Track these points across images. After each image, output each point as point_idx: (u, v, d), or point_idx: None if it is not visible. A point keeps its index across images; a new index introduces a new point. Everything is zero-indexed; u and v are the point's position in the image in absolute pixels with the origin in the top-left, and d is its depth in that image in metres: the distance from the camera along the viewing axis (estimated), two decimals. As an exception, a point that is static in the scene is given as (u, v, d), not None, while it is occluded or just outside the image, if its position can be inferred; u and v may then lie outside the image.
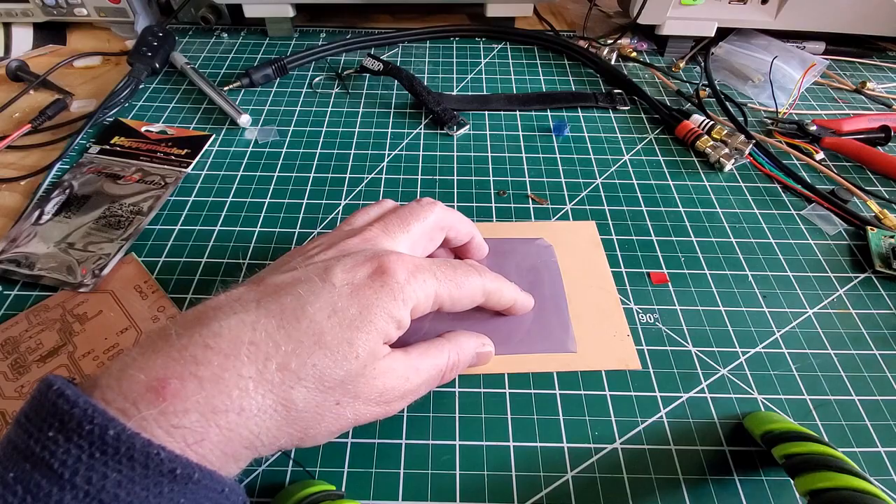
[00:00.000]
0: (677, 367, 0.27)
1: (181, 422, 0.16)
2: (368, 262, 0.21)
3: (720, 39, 0.50)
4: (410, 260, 0.22)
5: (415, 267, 0.22)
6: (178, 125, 0.42)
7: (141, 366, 0.17)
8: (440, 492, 0.23)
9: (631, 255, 0.32)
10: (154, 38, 0.47)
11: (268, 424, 0.18)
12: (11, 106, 0.44)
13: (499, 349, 0.27)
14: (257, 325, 0.18)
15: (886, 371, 0.27)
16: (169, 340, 0.18)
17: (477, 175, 0.38)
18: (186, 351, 0.17)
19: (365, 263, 0.21)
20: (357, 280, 0.20)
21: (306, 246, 0.24)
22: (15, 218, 0.34)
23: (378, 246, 0.23)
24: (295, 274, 0.21)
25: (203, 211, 0.35)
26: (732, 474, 0.24)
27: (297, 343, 0.18)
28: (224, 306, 0.19)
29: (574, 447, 0.24)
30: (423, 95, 0.43)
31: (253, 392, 0.17)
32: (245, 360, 0.17)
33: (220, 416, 0.17)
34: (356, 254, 0.22)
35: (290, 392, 0.18)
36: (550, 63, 0.50)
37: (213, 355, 0.17)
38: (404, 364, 0.21)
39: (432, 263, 0.23)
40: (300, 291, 0.20)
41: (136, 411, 0.16)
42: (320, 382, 0.19)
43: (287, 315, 0.19)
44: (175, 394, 0.16)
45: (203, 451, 0.16)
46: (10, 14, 0.49)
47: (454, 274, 0.23)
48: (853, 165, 0.39)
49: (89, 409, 0.15)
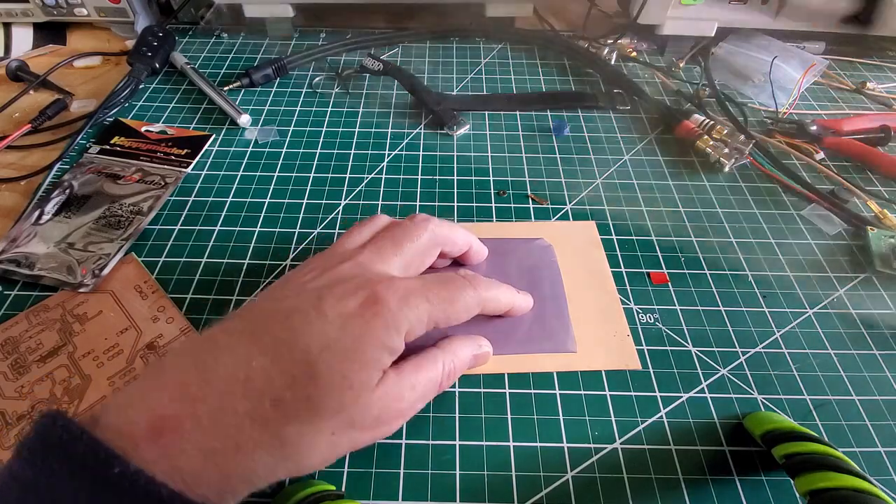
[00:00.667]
0: (677, 367, 0.27)
1: (179, 461, 0.16)
2: (360, 290, 0.21)
3: (720, 39, 0.49)
4: (402, 284, 0.22)
5: (406, 292, 0.21)
6: (178, 125, 0.42)
7: (140, 404, 0.17)
8: (440, 492, 0.23)
9: (631, 255, 0.32)
10: (154, 38, 0.47)
11: (265, 460, 0.18)
12: (11, 106, 0.44)
13: (499, 349, 0.27)
14: (252, 360, 0.19)
15: (886, 371, 0.27)
16: (166, 377, 0.18)
17: (477, 175, 0.38)
18: (184, 389, 0.17)
19: (356, 292, 0.21)
20: (349, 310, 0.20)
21: (300, 270, 0.24)
22: (15, 218, 0.34)
23: (371, 270, 0.23)
24: (288, 304, 0.21)
25: (203, 211, 0.35)
26: (732, 474, 0.24)
27: (290, 377, 0.19)
28: (220, 341, 0.20)
29: (574, 447, 0.24)
30: (423, 95, 0.43)
31: (249, 429, 0.18)
32: (240, 397, 0.18)
33: (218, 455, 0.17)
34: (348, 282, 0.22)
35: (285, 427, 0.18)
36: (550, 63, 0.50)
37: (210, 392, 0.17)
38: (398, 384, 0.21)
39: (423, 284, 0.23)
40: (293, 324, 0.20)
41: (137, 450, 0.16)
42: (314, 415, 0.19)
43: (281, 349, 0.19)
44: (174, 432, 0.16)
45: (201, 490, 0.17)
46: (10, 14, 0.50)
47: (446, 291, 0.23)
48: (853, 165, 0.39)
49: (94, 445, 0.15)
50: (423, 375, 0.22)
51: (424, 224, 0.26)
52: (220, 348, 0.19)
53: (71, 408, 0.26)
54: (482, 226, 0.34)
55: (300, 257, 0.32)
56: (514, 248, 0.32)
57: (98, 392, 0.26)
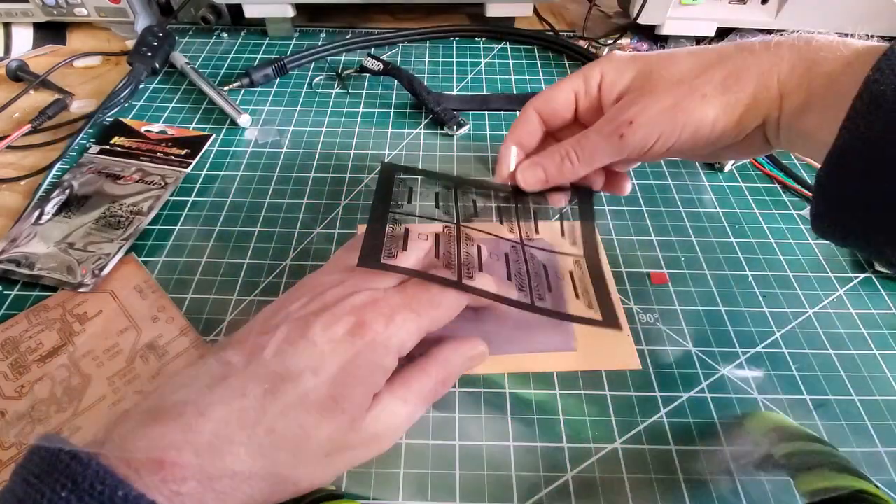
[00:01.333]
0: (677, 367, 0.27)
1: (180, 489, 0.17)
2: (347, 316, 0.21)
3: (720, 39, 0.49)
4: (386, 304, 0.22)
5: (391, 310, 0.22)
6: (178, 125, 0.42)
7: (141, 435, 0.18)
8: (440, 492, 0.23)
9: (631, 255, 0.32)
10: (154, 38, 0.47)
11: (260, 486, 0.18)
12: (11, 106, 0.44)
13: (499, 349, 0.27)
14: (245, 390, 0.19)
15: (886, 371, 0.27)
16: (166, 408, 0.19)
17: (477, 175, 0.38)
18: (182, 419, 0.18)
19: (343, 319, 0.21)
20: (337, 337, 0.21)
21: (290, 297, 0.24)
22: (15, 218, 0.34)
23: (360, 290, 0.23)
24: (278, 333, 0.21)
25: (203, 211, 0.35)
26: (732, 474, 0.24)
27: (283, 405, 0.19)
28: (215, 372, 0.20)
29: (574, 447, 0.24)
30: (423, 95, 0.43)
31: (244, 457, 0.18)
32: (235, 427, 0.18)
33: (216, 482, 0.18)
34: (336, 307, 0.22)
35: (278, 454, 0.19)
36: (550, 63, 0.50)
37: (206, 423, 0.18)
38: (391, 401, 0.21)
39: (406, 296, 0.23)
40: (284, 353, 0.20)
41: (140, 478, 0.16)
42: (307, 442, 0.19)
43: (273, 378, 0.20)
44: (174, 463, 0.17)
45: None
46: (10, 14, 0.49)
47: (430, 296, 0.23)
48: (853, 165, 0.39)
49: (101, 471, 0.16)
50: (416, 388, 0.22)
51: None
52: (216, 380, 0.20)
53: (70, 408, 0.26)
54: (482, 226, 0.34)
55: (300, 257, 0.32)
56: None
57: (98, 392, 0.26)
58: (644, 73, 0.25)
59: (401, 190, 0.30)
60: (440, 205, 0.30)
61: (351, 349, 0.21)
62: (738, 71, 0.23)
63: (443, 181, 0.32)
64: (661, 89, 0.24)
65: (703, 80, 0.24)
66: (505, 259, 0.28)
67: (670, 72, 0.24)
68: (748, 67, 0.23)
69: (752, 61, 0.23)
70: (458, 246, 0.26)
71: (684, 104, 0.24)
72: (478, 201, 0.31)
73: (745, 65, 0.23)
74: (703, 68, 0.24)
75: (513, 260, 0.28)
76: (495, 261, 0.27)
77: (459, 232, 0.27)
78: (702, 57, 0.24)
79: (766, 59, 0.23)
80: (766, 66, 0.23)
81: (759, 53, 0.23)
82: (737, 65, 0.23)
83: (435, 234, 0.27)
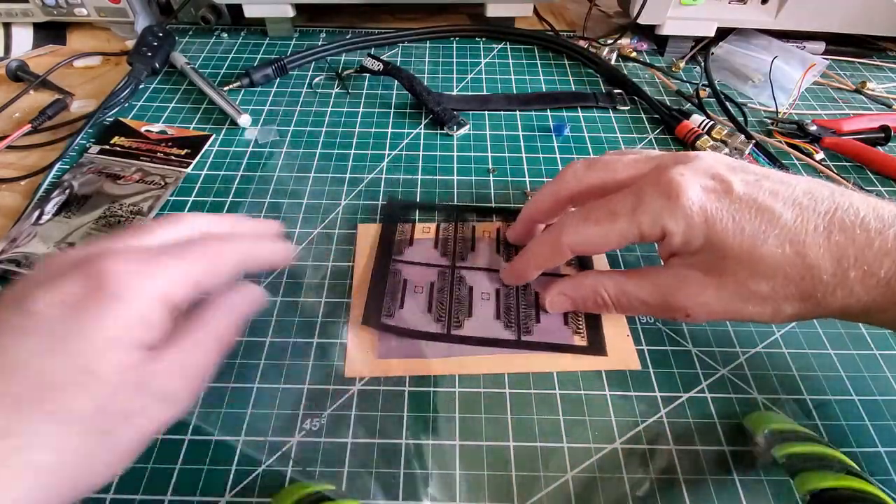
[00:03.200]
0: (677, 367, 0.27)
1: None
2: (75, 268, 0.18)
3: (720, 39, 0.50)
4: (136, 250, 0.19)
5: (149, 256, 0.18)
6: (178, 125, 0.42)
7: None
8: (440, 492, 0.23)
9: (631, 254, 0.32)
10: (154, 38, 0.47)
11: (24, 498, 0.15)
12: (11, 106, 0.44)
13: (507, 350, 0.27)
14: None
15: (886, 371, 0.27)
16: None
17: (477, 175, 0.38)
18: None
19: (71, 272, 0.18)
20: (68, 296, 0.17)
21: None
22: (15, 218, 0.34)
23: (105, 250, 0.19)
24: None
25: (203, 211, 0.35)
26: (732, 474, 0.24)
27: (16, 402, 0.16)
28: None
29: (574, 447, 0.24)
30: (423, 95, 0.43)
31: None
32: None
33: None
34: (59, 266, 0.18)
35: (31, 455, 0.15)
36: (550, 63, 0.50)
37: None
38: (170, 354, 0.18)
39: (179, 245, 0.20)
40: (2, 338, 0.17)
41: None
42: (69, 427, 0.16)
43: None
44: None
45: None
46: (10, 14, 0.49)
47: (203, 249, 0.20)
48: (853, 165, 0.39)
49: None
50: (192, 337, 0.19)
51: (185, 216, 0.22)
52: None
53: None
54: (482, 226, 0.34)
55: (300, 257, 0.32)
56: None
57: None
58: (717, 250, 0.22)
59: (402, 238, 0.33)
60: (438, 246, 0.32)
61: (91, 305, 0.17)
62: (825, 299, 0.21)
63: (442, 213, 0.34)
64: (731, 289, 0.22)
65: (787, 304, 0.22)
66: (496, 295, 0.30)
67: (756, 281, 0.22)
68: (833, 297, 0.21)
69: (840, 293, 0.21)
70: (451, 293, 0.30)
71: (748, 313, 0.23)
72: (477, 229, 0.33)
73: (832, 296, 0.21)
74: (790, 284, 0.21)
75: (504, 294, 0.30)
76: (486, 300, 0.29)
77: (454, 276, 0.30)
78: (792, 270, 0.21)
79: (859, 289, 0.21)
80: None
81: (854, 283, 0.21)
82: (826, 290, 0.21)
83: (430, 283, 0.30)
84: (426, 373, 0.27)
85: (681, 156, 0.24)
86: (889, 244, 0.20)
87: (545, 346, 0.28)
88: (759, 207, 0.22)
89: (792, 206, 0.21)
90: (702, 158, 0.24)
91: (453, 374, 0.27)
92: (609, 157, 0.26)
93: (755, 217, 0.21)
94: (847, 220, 0.21)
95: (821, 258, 0.21)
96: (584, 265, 0.31)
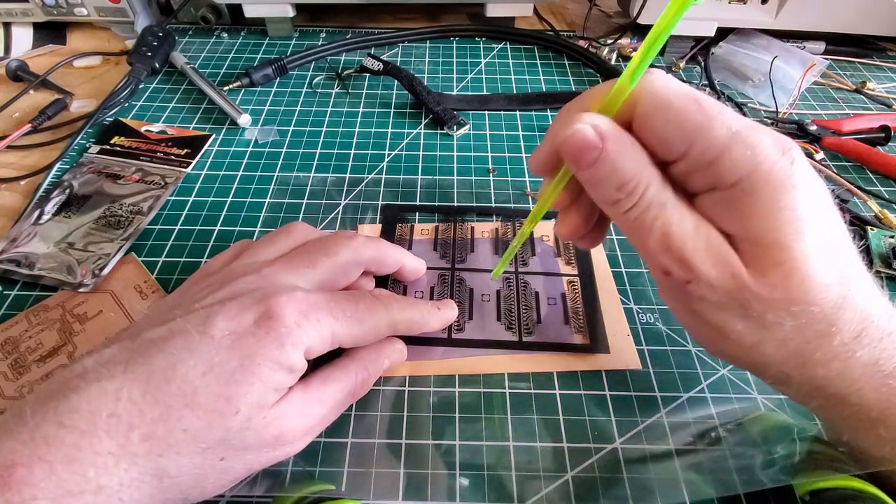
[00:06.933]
0: (677, 367, 0.27)
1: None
2: (255, 305, 0.20)
3: (720, 39, 0.50)
4: (304, 298, 0.21)
5: (308, 307, 0.20)
6: (178, 125, 0.42)
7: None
8: (440, 492, 0.23)
9: (631, 255, 0.32)
10: (154, 37, 0.47)
11: (136, 496, 0.17)
12: (11, 106, 0.44)
13: (508, 351, 0.27)
14: (120, 393, 0.17)
15: (886, 371, 0.27)
16: (22, 419, 0.17)
17: (477, 175, 0.38)
18: (37, 431, 0.16)
19: (251, 308, 0.20)
20: (241, 328, 0.19)
21: (199, 283, 0.22)
22: (15, 218, 0.34)
23: (275, 283, 0.21)
24: (172, 326, 0.19)
25: (203, 211, 0.35)
26: (732, 474, 0.24)
27: (164, 408, 0.17)
28: (89, 373, 0.18)
29: (574, 447, 0.24)
30: (423, 95, 0.43)
31: (113, 468, 0.17)
32: (103, 435, 0.17)
33: (75, 499, 0.16)
34: (245, 296, 0.20)
35: (158, 461, 0.17)
36: (550, 63, 0.50)
37: (67, 434, 0.16)
38: (303, 400, 0.20)
39: (331, 300, 0.21)
40: (174, 349, 0.18)
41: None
42: (194, 445, 0.18)
43: (155, 377, 0.18)
44: (22, 481, 0.15)
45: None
46: (10, 14, 0.49)
47: (355, 310, 0.22)
48: (853, 165, 0.39)
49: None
50: (334, 387, 0.21)
51: (347, 242, 0.24)
52: (88, 382, 0.18)
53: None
54: (482, 226, 0.34)
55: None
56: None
57: (98, 392, 0.26)
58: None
59: (401, 239, 0.33)
60: (437, 248, 0.32)
61: (253, 342, 0.19)
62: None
63: (441, 214, 0.35)
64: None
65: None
66: (496, 297, 0.30)
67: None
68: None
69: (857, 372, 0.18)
70: (451, 297, 0.29)
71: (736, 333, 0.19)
72: (476, 229, 0.33)
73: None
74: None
75: (504, 296, 0.30)
76: (486, 302, 0.29)
77: (453, 278, 0.31)
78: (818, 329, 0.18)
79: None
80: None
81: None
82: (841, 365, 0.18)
83: (430, 287, 0.30)
84: (426, 373, 0.27)
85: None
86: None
87: (547, 345, 0.28)
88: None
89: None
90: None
91: (453, 374, 0.27)
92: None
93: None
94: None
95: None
96: (584, 265, 0.31)
